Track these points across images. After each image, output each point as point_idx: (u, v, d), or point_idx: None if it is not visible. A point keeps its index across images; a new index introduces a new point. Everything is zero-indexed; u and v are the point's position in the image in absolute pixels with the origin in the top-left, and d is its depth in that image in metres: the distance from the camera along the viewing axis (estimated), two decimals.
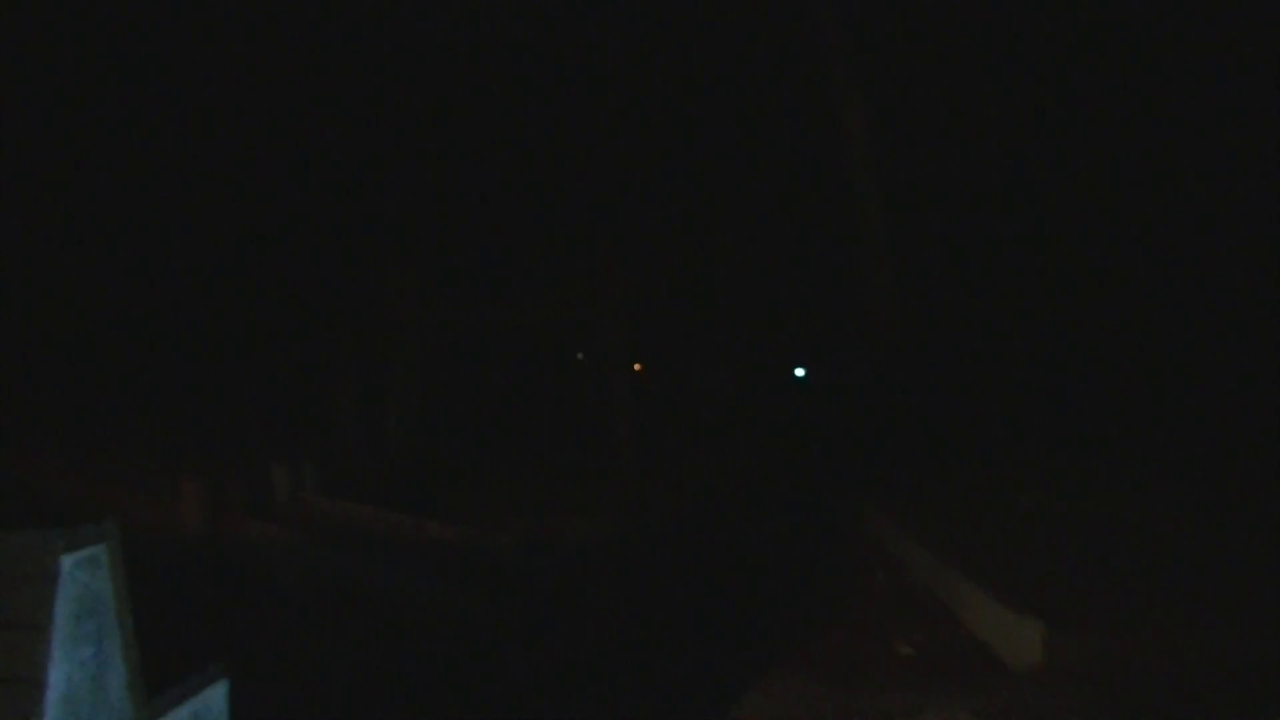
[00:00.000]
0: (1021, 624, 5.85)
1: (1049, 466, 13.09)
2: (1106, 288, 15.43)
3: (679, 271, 19.63)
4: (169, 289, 16.72)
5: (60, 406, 15.97)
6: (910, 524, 9.50)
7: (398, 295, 15.55)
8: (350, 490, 11.42)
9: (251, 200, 16.57)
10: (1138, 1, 14.28)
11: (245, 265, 16.85)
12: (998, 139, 15.85)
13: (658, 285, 18.78)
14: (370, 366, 15.75)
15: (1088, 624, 6.02)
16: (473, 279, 16.72)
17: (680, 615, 7.36)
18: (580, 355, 17.97)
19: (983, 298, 16.60)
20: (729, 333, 21.35)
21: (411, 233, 16.65)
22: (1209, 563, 7.77)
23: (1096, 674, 5.59)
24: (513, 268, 17.23)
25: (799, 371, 19.61)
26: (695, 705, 5.46)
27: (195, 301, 16.90)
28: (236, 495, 10.12)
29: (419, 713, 5.43)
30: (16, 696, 2.58)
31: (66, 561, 2.71)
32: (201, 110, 16.29)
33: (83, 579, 2.78)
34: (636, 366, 15.70)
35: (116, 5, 15.87)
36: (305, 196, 16.67)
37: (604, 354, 16.31)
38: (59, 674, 2.67)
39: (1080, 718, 5.04)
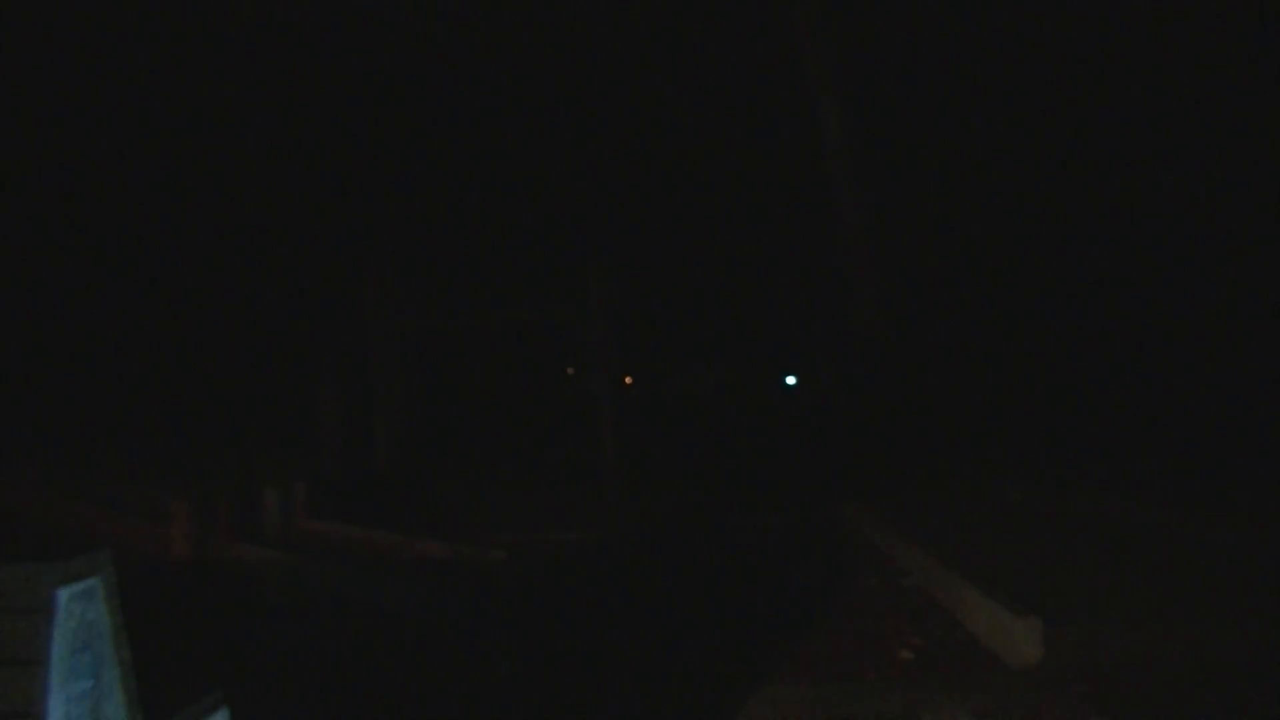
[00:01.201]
0: (1019, 622, 5.86)
1: (1038, 464, 13.16)
2: (1091, 284, 15.53)
3: (664, 276, 19.64)
4: (151, 307, 16.60)
5: (42, 426, 15.80)
6: (902, 524, 9.51)
7: (377, 305, 15.49)
8: (341, 510, 11.36)
9: (230, 214, 16.49)
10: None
11: (224, 280, 16.76)
12: (977, 140, 15.94)
13: (643, 290, 18.77)
14: (354, 379, 15.69)
15: (1086, 621, 6.03)
16: (455, 286, 16.67)
17: (671, 621, 7.33)
18: (570, 369, 17.96)
19: (967, 296, 16.68)
20: (715, 337, 21.37)
21: (391, 240, 16.60)
22: (1207, 558, 7.81)
23: (1096, 670, 5.60)
24: (495, 274, 17.19)
25: (790, 380, 19.67)
26: (690, 711, 5.44)
27: (177, 318, 16.78)
28: (226, 517, 10.03)
29: None
30: None
31: (62, 594, 2.67)
32: (180, 124, 16.21)
33: (78, 611, 2.74)
34: (627, 379, 15.70)
35: (88, 13, 15.76)
36: (284, 208, 16.60)
37: (588, 361, 16.28)
38: (57, 708, 2.63)
39: (1081, 714, 5.04)
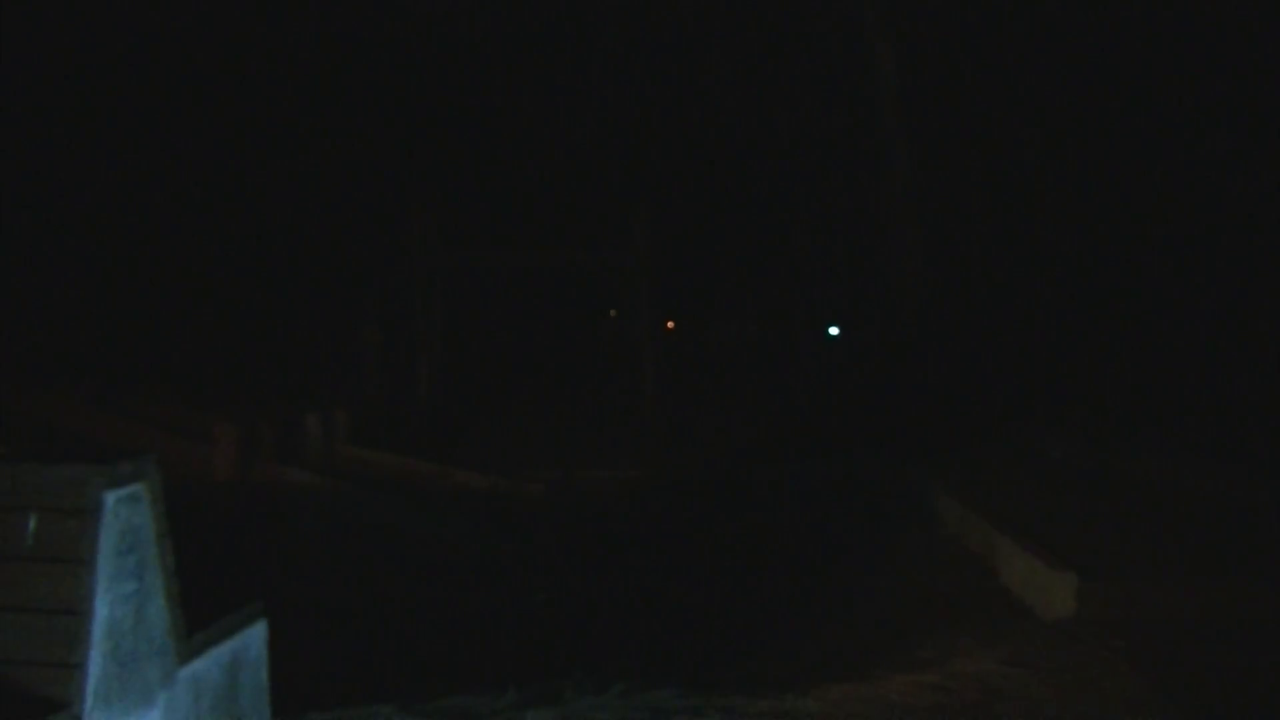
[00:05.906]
0: (1054, 575, 5.82)
1: (1080, 423, 12.98)
2: (1138, 246, 15.20)
3: (709, 226, 19.48)
4: (201, 228, 16.76)
5: (91, 345, 16.03)
6: (940, 477, 9.47)
7: (423, 245, 15.52)
8: (381, 438, 11.52)
9: (281, 148, 16.57)
10: None
11: (276, 215, 16.89)
12: (1030, 93, 15.54)
13: (687, 239, 18.65)
14: (398, 316, 15.81)
15: (1120, 576, 5.98)
16: (500, 228, 16.69)
17: (703, 563, 7.38)
18: (613, 312, 17.94)
19: (1012, 257, 16.41)
20: (758, 288, 21.22)
21: (437, 181, 16.62)
22: (1243, 518, 7.69)
23: (1129, 625, 5.53)
24: (539, 217, 17.17)
25: (833, 330, 19.48)
26: (721, 653, 5.48)
27: (230, 249, 16.95)
28: (270, 441, 10.22)
29: (449, 653, 5.48)
30: (62, 628, 2.62)
31: (109, 497, 2.72)
32: (235, 57, 16.25)
33: (124, 515, 2.80)
34: (669, 324, 15.63)
35: None
36: (333, 145, 16.64)
37: (630, 306, 16.27)
38: (102, 607, 2.70)
39: (1109, 667, 5.01)
